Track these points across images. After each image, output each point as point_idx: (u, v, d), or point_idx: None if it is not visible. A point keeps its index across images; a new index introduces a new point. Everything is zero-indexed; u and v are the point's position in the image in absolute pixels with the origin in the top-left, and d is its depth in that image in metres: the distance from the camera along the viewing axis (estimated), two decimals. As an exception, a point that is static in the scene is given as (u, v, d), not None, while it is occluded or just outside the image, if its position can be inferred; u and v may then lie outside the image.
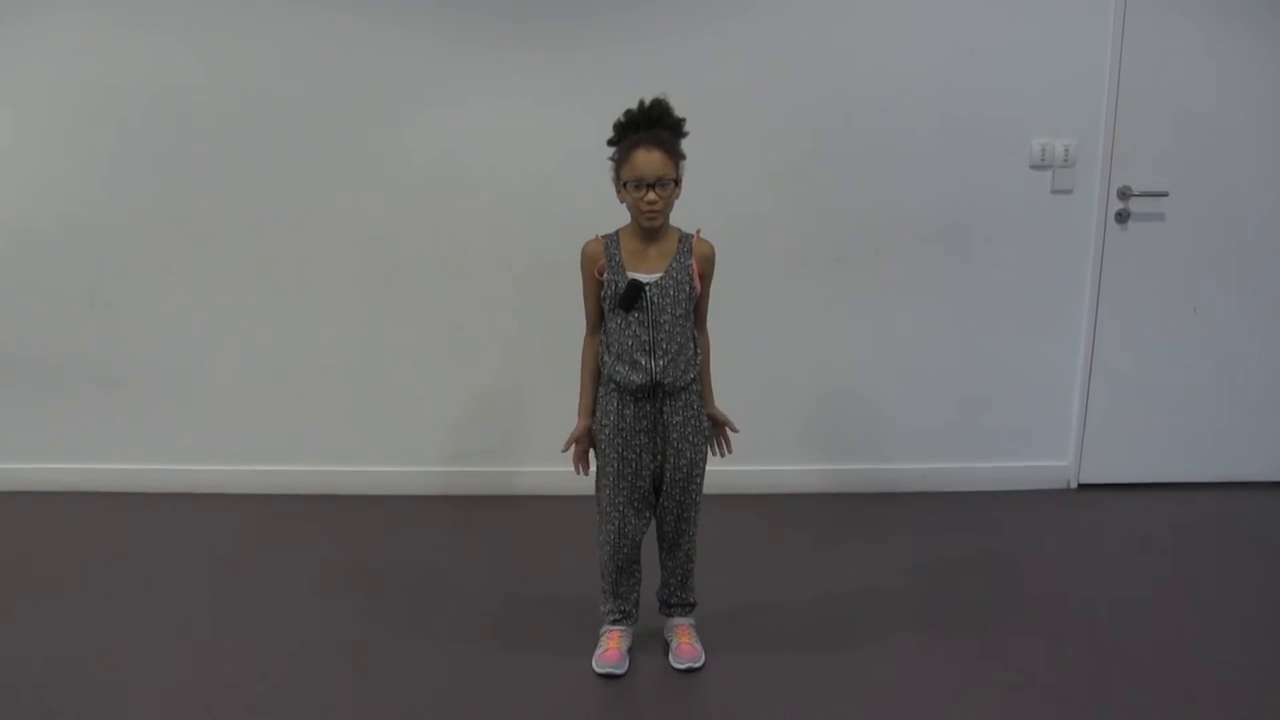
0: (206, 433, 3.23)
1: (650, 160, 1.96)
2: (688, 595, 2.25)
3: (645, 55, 2.99)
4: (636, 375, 2.04)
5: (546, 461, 3.15)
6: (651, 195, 1.97)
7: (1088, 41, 3.04)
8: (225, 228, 3.11)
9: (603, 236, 2.08)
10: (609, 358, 2.08)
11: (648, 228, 2.03)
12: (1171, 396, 3.27)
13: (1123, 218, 3.14)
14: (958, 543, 2.89)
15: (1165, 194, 3.12)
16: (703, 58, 3.00)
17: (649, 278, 2.03)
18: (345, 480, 3.25)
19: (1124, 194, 3.12)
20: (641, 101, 1.99)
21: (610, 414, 2.09)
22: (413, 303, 3.16)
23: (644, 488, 2.13)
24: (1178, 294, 3.21)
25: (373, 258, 3.13)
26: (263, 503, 3.18)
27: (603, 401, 2.12)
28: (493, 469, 3.26)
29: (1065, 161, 3.10)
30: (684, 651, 2.18)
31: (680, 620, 2.25)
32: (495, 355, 3.18)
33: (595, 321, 2.13)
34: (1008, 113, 3.07)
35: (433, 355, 3.19)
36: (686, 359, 2.07)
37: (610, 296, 2.05)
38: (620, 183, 2.02)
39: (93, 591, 2.57)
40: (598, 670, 2.14)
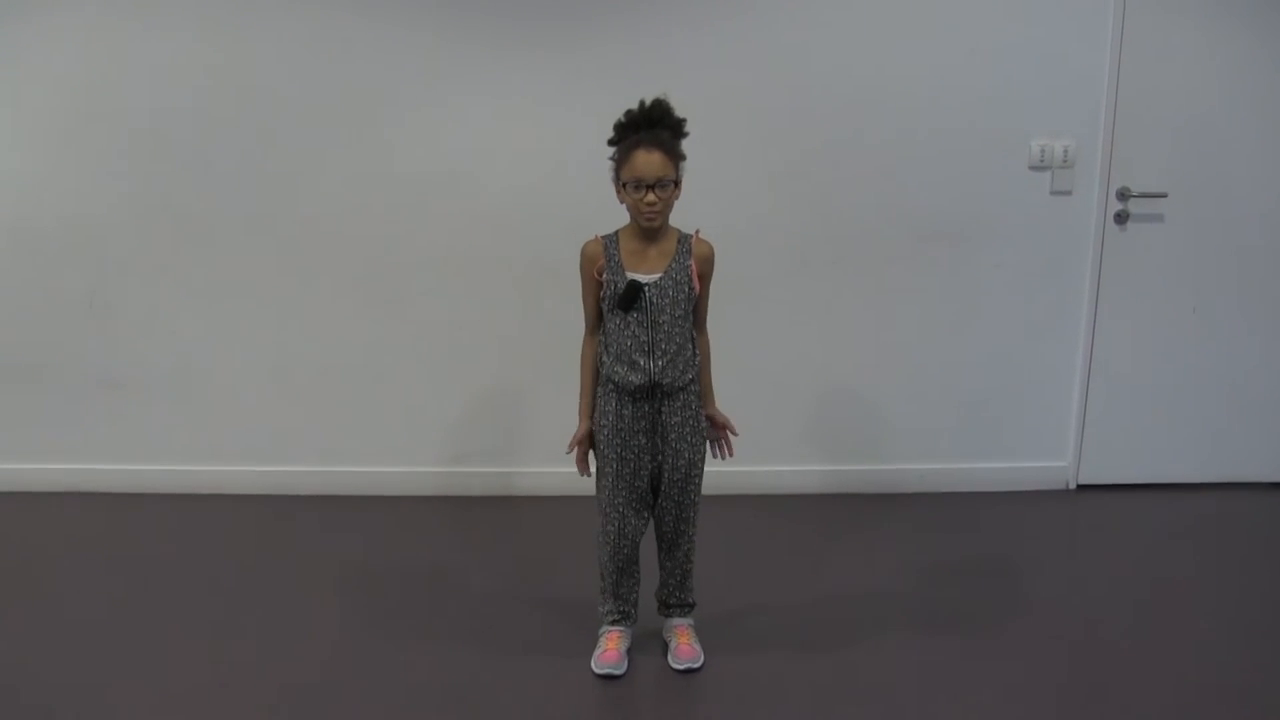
0: (206, 433, 3.23)
1: (650, 161, 1.96)
2: (686, 596, 2.25)
3: (645, 55, 2.99)
4: (635, 375, 2.04)
5: (546, 462, 3.16)
6: (651, 196, 1.97)
7: (1087, 43, 3.04)
8: (225, 228, 3.11)
9: (602, 237, 2.08)
10: (608, 358, 2.08)
11: (647, 229, 2.03)
12: (1170, 397, 3.27)
13: (1122, 219, 3.14)
14: (957, 543, 2.89)
15: (1164, 195, 3.12)
16: (703, 58, 3.00)
17: (648, 278, 2.03)
18: (345, 481, 3.25)
19: (1123, 195, 3.13)
20: (642, 102, 1.99)
21: (609, 414, 2.09)
22: (412, 303, 3.16)
23: (642, 488, 2.13)
24: (1177, 295, 3.21)
25: (372, 258, 3.13)
26: (262, 503, 3.18)
27: (601, 402, 2.12)
28: (492, 470, 3.26)
29: (1064, 163, 3.10)
30: (683, 652, 2.18)
31: (679, 621, 2.25)
32: (495, 356, 3.18)
33: (594, 322, 2.13)
34: (1007, 114, 3.07)
35: (433, 356, 3.19)
36: (685, 359, 2.07)
37: (609, 297, 2.05)
38: (620, 183, 2.02)
39: (92, 592, 2.57)
40: (596, 671, 2.14)
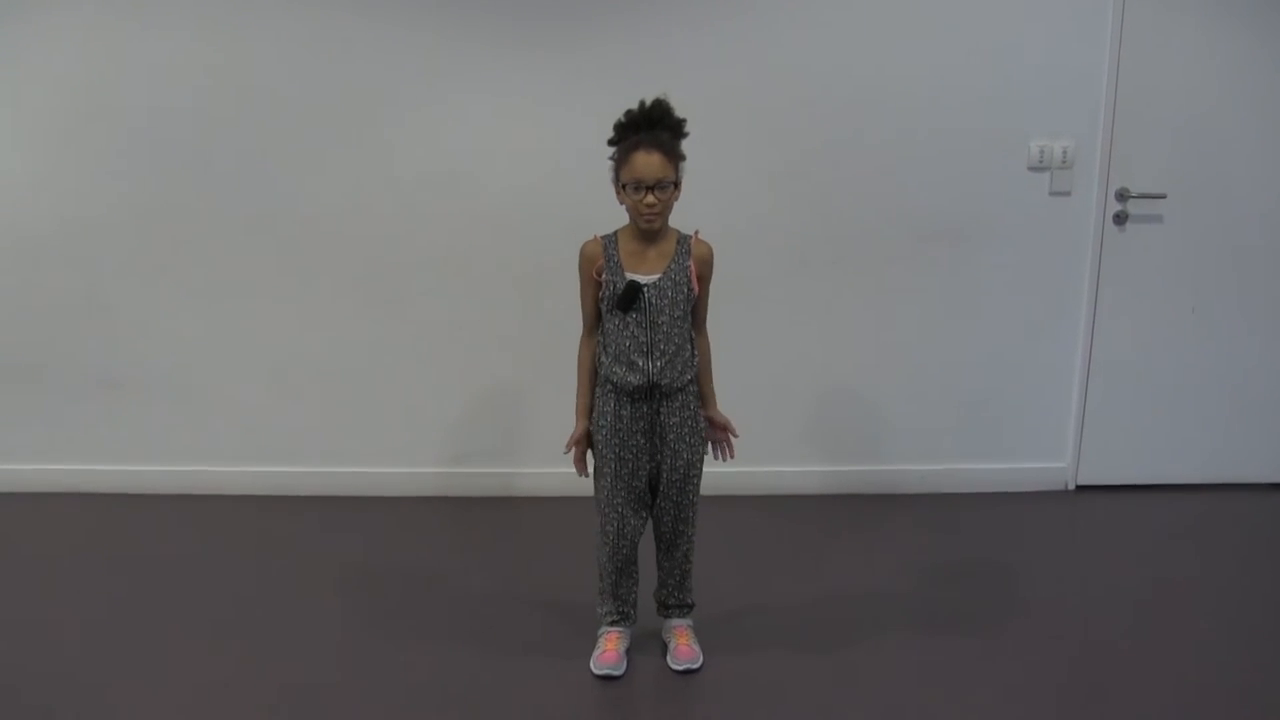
0: (205, 434, 3.23)
1: (649, 162, 1.96)
2: (685, 596, 2.25)
3: (645, 55, 2.99)
4: (634, 376, 2.04)
5: (546, 463, 3.16)
6: (650, 198, 1.97)
7: (1086, 44, 3.04)
8: (225, 228, 3.11)
9: (601, 237, 2.08)
10: (606, 358, 2.08)
11: (646, 230, 2.03)
12: (1169, 398, 3.28)
13: (1121, 219, 3.15)
14: (956, 544, 2.89)
15: (1163, 196, 3.13)
16: (703, 58, 3.00)
17: (647, 279, 2.03)
18: (344, 482, 3.25)
19: (1122, 196, 3.13)
20: (642, 102, 1.99)
21: (607, 414, 2.09)
22: (412, 303, 3.15)
23: (640, 488, 2.13)
24: (1176, 295, 3.21)
25: (372, 258, 3.13)
26: (262, 504, 3.18)
27: (600, 402, 2.12)
28: (492, 471, 3.26)
29: (1063, 163, 3.10)
30: (682, 653, 2.18)
31: (678, 621, 2.25)
32: (495, 356, 3.18)
33: (592, 323, 2.13)
34: (1006, 114, 3.07)
35: (433, 356, 3.18)
36: (684, 360, 2.07)
37: (608, 297, 2.05)
38: (619, 184, 2.02)
39: (92, 592, 2.57)
40: (596, 671, 2.14)
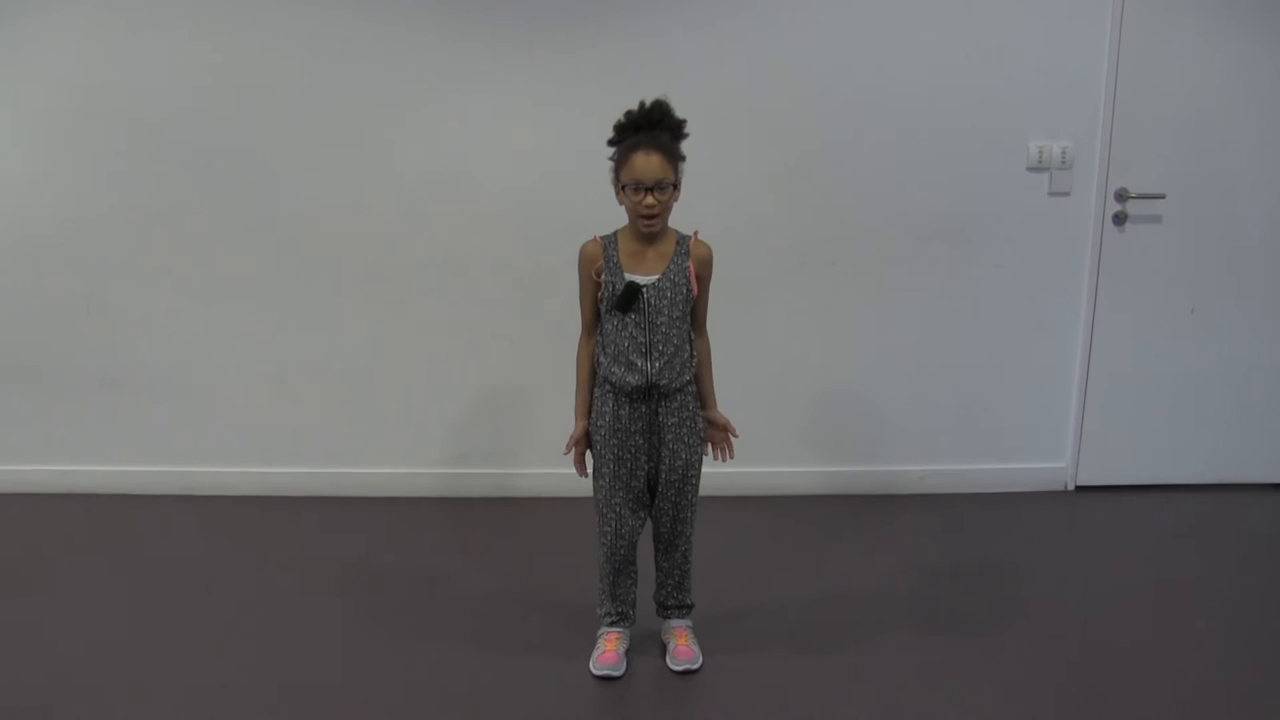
0: (205, 435, 3.23)
1: (649, 163, 1.96)
2: (685, 597, 2.25)
3: (645, 55, 2.99)
4: (632, 377, 2.04)
5: (546, 464, 3.16)
6: (650, 199, 1.97)
7: (1085, 44, 3.04)
8: (225, 229, 3.11)
9: (601, 238, 2.08)
10: (605, 359, 2.08)
11: (645, 232, 2.03)
12: (1169, 398, 3.28)
13: (1120, 220, 3.15)
14: (956, 544, 2.89)
15: (1162, 196, 3.13)
16: (703, 58, 3.00)
17: (646, 279, 2.03)
18: (345, 482, 3.24)
19: (1121, 196, 3.13)
20: (642, 103, 1.99)
21: (606, 415, 2.09)
22: (412, 303, 3.15)
23: (639, 488, 2.13)
24: (1175, 296, 3.21)
25: (372, 258, 3.13)
26: (262, 504, 3.17)
27: (598, 402, 2.12)
28: (492, 471, 3.26)
29: (1063, 164, 3.10)
30: (681, 653, 2.18)
31: (678, 622, 2.25)
32: (495, 357, 3.18)
33: (591, 323, 2.13)
34: (1005, 115, 3.07)
35: (433, 356, 3.18)
36: (682, 361, 2.07)
37: (607, 298, 2.05)
38: (619, 185, 2.02)
39: (92, 593, 2.56)
40: (595, 672, 2.14)
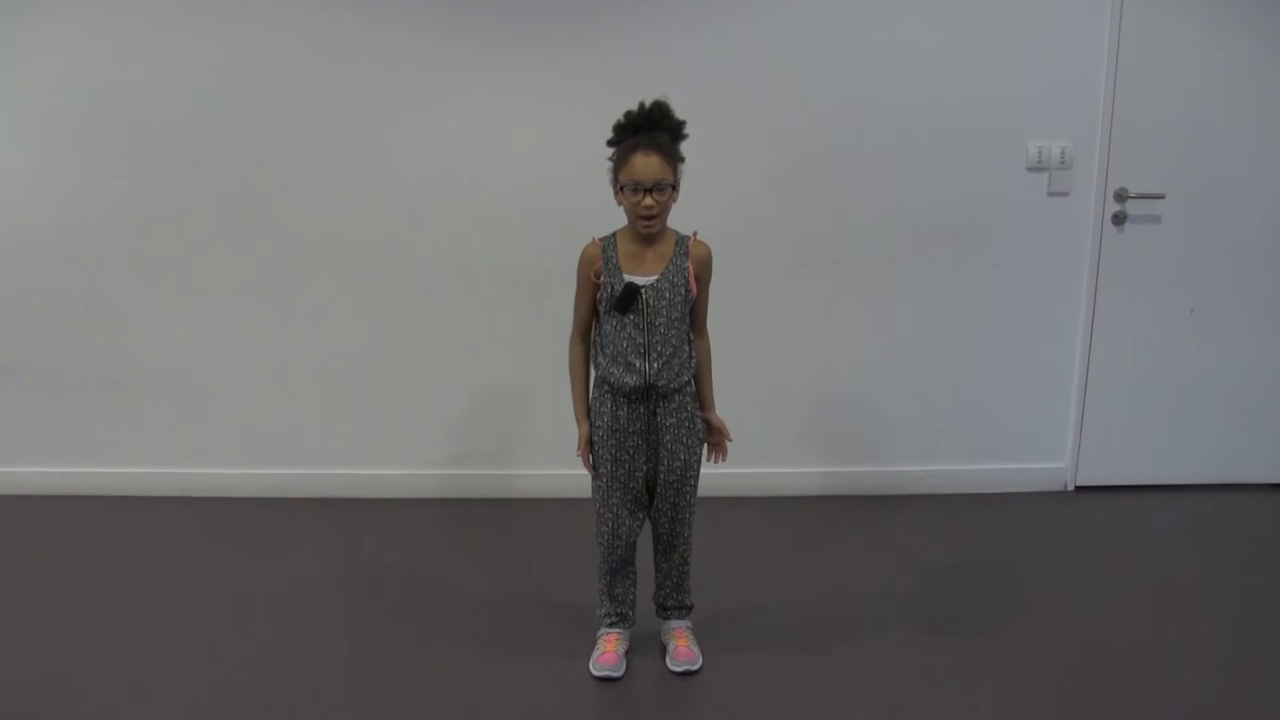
0: (205, 436, 3.23)
1: (648, 164, 1.95)
2: (684, 598, 2.25)
3: (645, 55, 2.99)
4: (631, 377, 2.04)
5: (545, 465, 3.16)
6: (648, 200, 1.97)
7: (1084, 44, 3.05)
8: (224, 229, 3.11)
9: (600, 239, 2.08)
10: (604, 359, 2.08)
11: (644, 234, 2.03)
12: (1169, 398, 3.28)
13: (1119, 220, 3.15)
14: (955, 545, 2.89)
15: (1162, 196, 3.13)
16: (703, 58, 3.00)
17: (645, 280, 2.03)
18: (344, 483, 3.24)
19: (1120, 196, 3.13)
20: (641, 104, 1.99)
21: (604, 415, 2.09)
22: (412, 304, 3.15)
23: (637, 489, 2.13)
24: (1175, 296, 3.21)
25: (372, 259, 3.13)
26: (260, 506, 3.17)
27: (597, 403, 2.12)
28: (491, 472, 3.26)
29: (1062, 164, 3.10)
30: (681, 654, 2.18)
31: (677, 623, 2.25)
32: (495, 357, 3.18)
33: (584, 325, 2.13)
34: (1005, 115, 3.07)
35: (433, 357, 3.18)
36: (681, 361, 2.07)
37: (606, 299, 2.05)
38: (618, 185, 2.01)
39: (92, 594, 2.56)
40: (595, 673, 2.14)
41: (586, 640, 2.24)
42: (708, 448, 2.20)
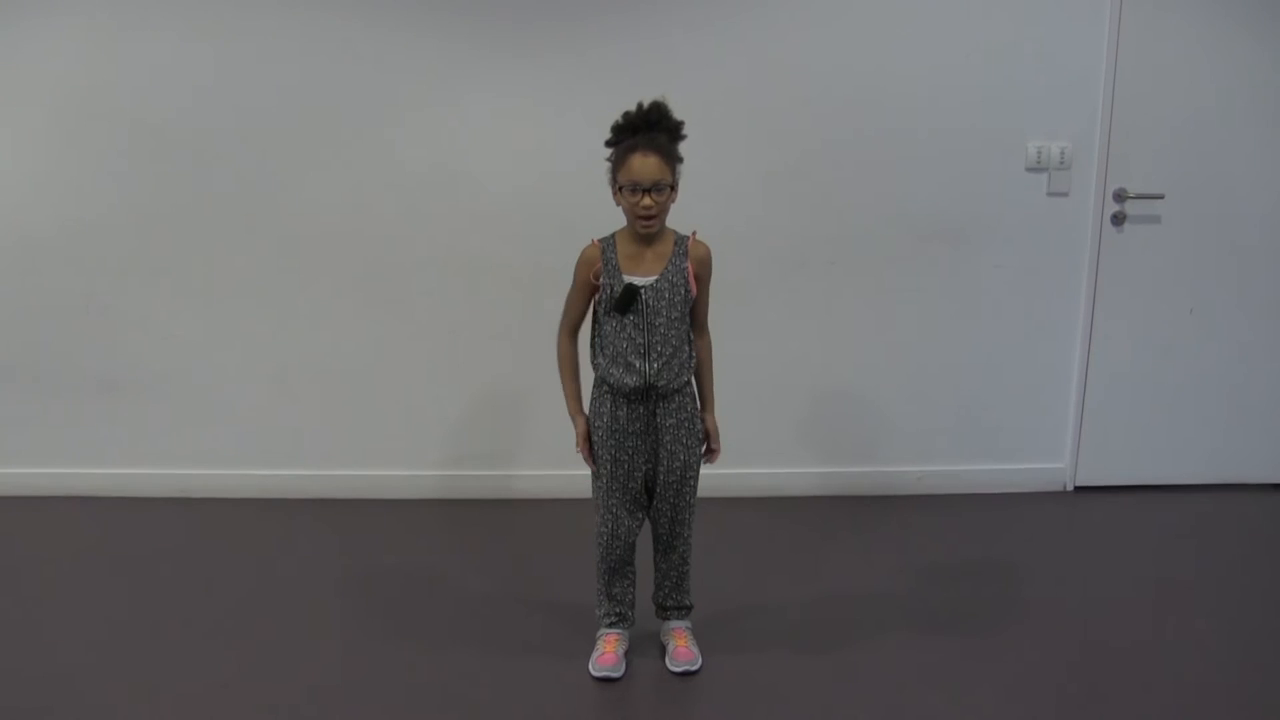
0: (205, 436, 3.22)
1: (646, 165, 1.96)
2: (683, 598, 2.25)
3: (645, 56, 2.99)
4: (630, 378, 2.04)
5: (544, 465, 3.16)
6: (647, 200, 1.97)
7: (1083, 44, 3.05)
8: (224, 229, 3.11)
9: (599, 240, 2.08)
10: (603, 360, 2.08)
11: (643, 235, 2.03)
12: (1168, 398, 3.28)
13: (1118, 220, 3.15)
14: (955, 545, 2.89)
15: (1161, 196, 3.13)
16: (703, 58, 3.01)
17: (645, 280, 2.03)
18: (343, 484, 3.24)
19: (1120, 196, 3.13)
20: (640, 104, 1.99)
21: (604, 415, 2.10)
22: (412, 305, 3.15)
23: (636, 489, 2.13)
24: (1174, 296, 3.22)
25: (372, 260, 3.13)
26: (260, 507, 3.17)
27: (596, 404, 2.12)
28: (490, 473, 3.26)
29: (1061, 164, 3.11)
30: (680, 654, 2.18)
31: (677, 623, 2.25)
32: (493, 358, 3.18)
33: (575, 323, 2.14)
34: (1004, 115, 3.08)
35: (432, 358, 3.18)
36: (680, 362, 2.07)
37: (606, 300, 2.05)
38: (616, 186, 2.02)
39: (91, 595, 2.56)
40: (594, 673, 2.14)
41: (586, 640, 2.24)
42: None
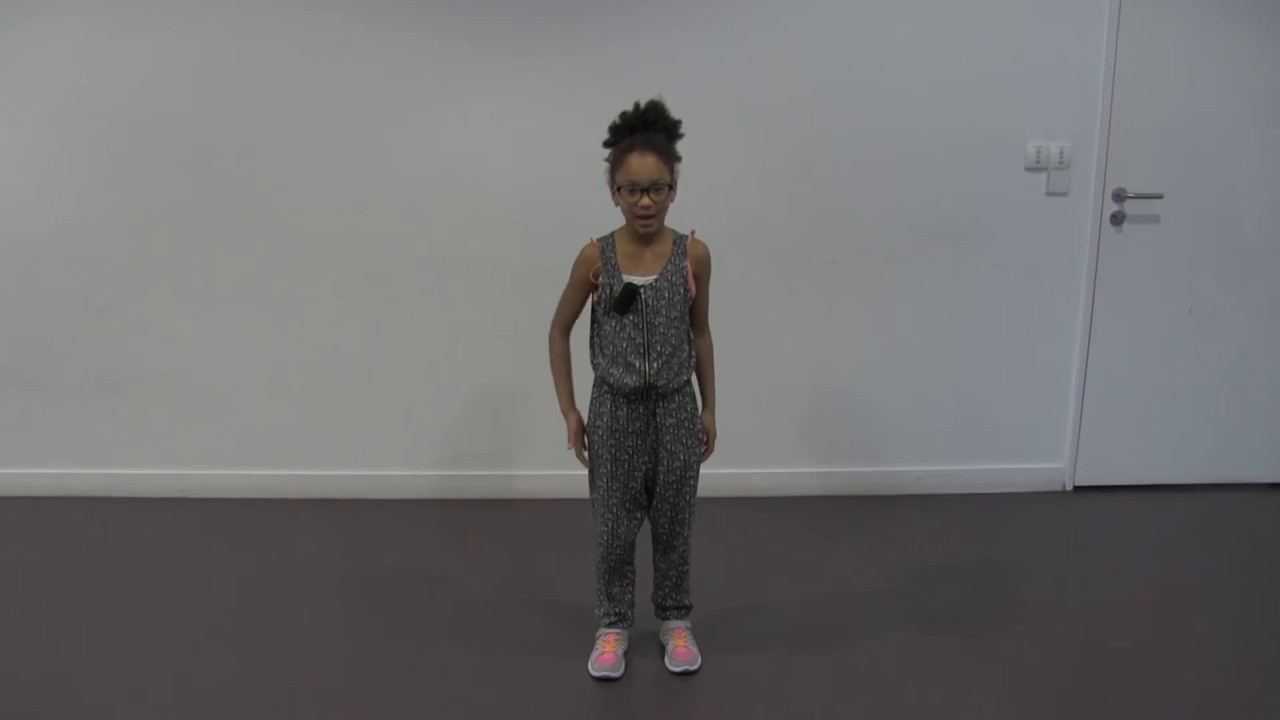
0: (204, 437, 3.23)
1: (644, 164, 1.96)
2: (683, 598, 2.25)
3: (644, 56, 2.99)
4: (630, 378, 2.04)
5: (543, 465, 3.16)
6: (645, 200, 1.97)
7: (1082, 44, 3.04)
8: (223, 230, 3.11)
9: (599, 240, 2.09)
10: (603, 360, 2.08)
11: (642, 233, 2.03)
12: (1167, 398, 3.28)
13: (1118, 220, 3.15)
14: (954, 545, 2.89)
15: (1160, 196, 3.13)
16: (702, 58, 3.00)
17: (644, 280, 2.03)
18: (342, 484, 3.24)
19: (1119, 196, 3.13)
20: (637, 104, 1.99)
21: (603, 415, 2.10)
22: (411, 306, 3.15)
23: (636, 489, 2.13)
24: (1173, 295, 3.22)
25: (371, 260, 3.13)
26: (260, 507, 3.17)
27: (595, 403, 2.12)
28: (489, 473, 3.26)
29: (1060, 164, 3.11)
30: (680, 654, 2.18)
31: (676, 623, 2.25)
32: (492, 358, 3.18)
33: (568, 321, 2.15)
34: (1003, 115, 3.07)
35: (430, 358, 3.18)
36: (680, 361, 2.07)
37: (605, 300, 2.05)
38: (614, 186, 2.02)
39: (91, 596, 2.57)
40: (593, 673, 2.14)
41: (585, 640, 2.24)
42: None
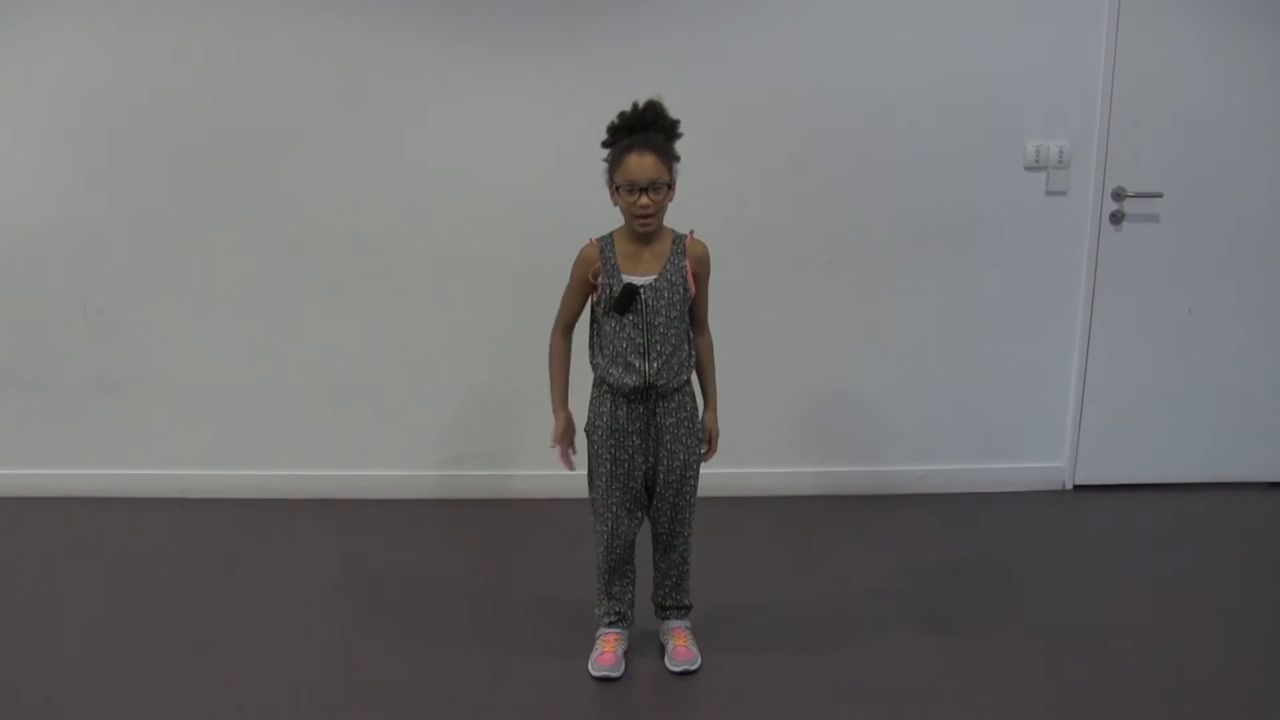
0: (203, 437, 3.23)
1: (643, 164, 1.96)
2: (683, 598, 2.25)
3: (644, 56, 2.99)
4: (630, 377, 2.04)
5: (541, 465, 3.13)
6: (644, 199, 1.97)
7: (1082, 43, 3.04)
8: (222, 231, 3.10)
9: (598, 240, 2.09)
10: (603, 360, 2.08)
11: (641, 233, 2.03)
12: (1166, 397, 3.28)
13: (1117, 219, 3.15)
14: (953, 544, 2.90)
15: (1159, 195, 3.13)
16: (703, 58, 3.00)
17: (643, 280, 2.03)
18: (341, 485, 3.24)
19: (1118, 195, 3.13)
20: (635, 104, 1.99)
21: (604, 415, 2.10)
22: (409, 306, 3.15)
23: (636, 489, 2.13)
24: (1172, 295, 3.21)
25: (371, 261, 3.12)
26: (258, 507, 3.17)
27: (595, 403, 2.12)
28: (488, 473, 3.26)
29: (1059, 163, 3.10)
30: (680, 654, 2.18)
31: (676, 623, 2.26)
32: (491, 359, 3.18)
33: (569, 321, 2.15)
34: (1002, 114, 3.07)
35: (429, 359, 3.18)
36: (680, 361, 2.07)
37: (605, 300, 2.05)
38: (613, 186, 2.02)
39: (91, 596, 2.57)
40: (593, 673, 2.15)
41: (585, 640, 2.24)
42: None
